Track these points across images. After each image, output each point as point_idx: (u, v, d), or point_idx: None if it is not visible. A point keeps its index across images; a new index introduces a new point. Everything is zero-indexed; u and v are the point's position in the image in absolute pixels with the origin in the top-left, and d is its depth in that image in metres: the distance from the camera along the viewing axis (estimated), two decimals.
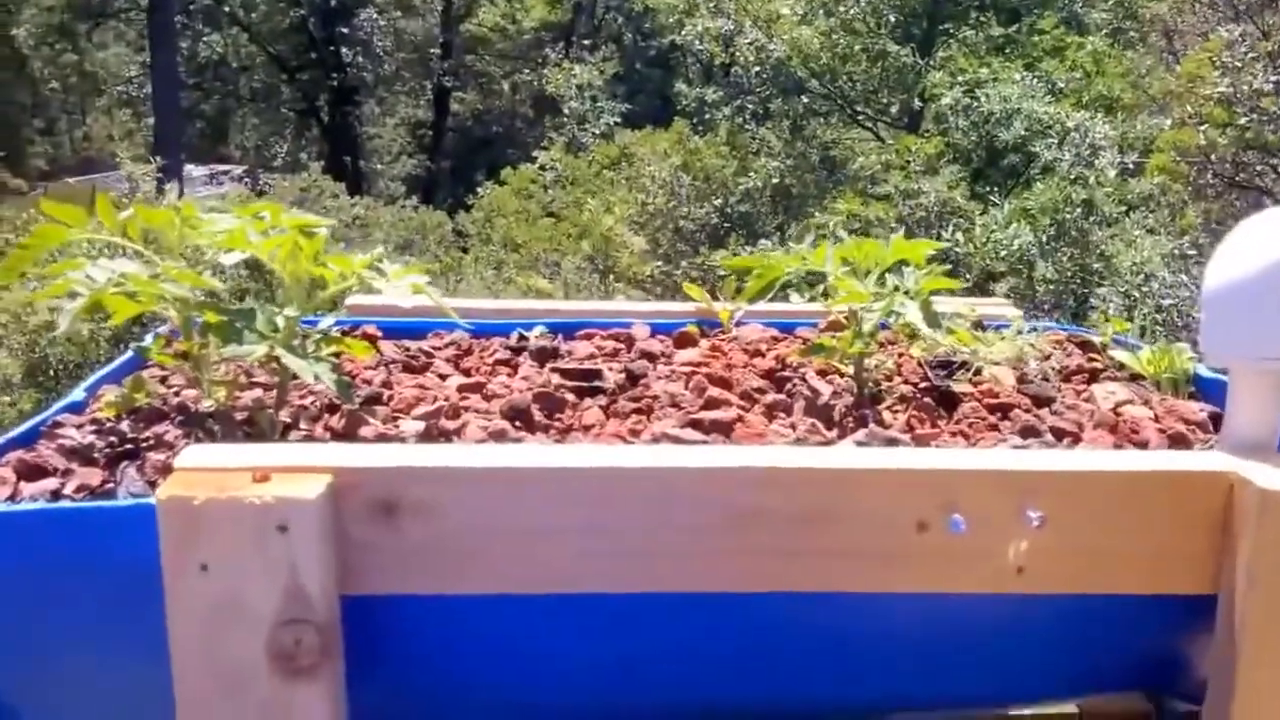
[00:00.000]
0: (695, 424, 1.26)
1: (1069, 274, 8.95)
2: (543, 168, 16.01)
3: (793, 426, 1.21)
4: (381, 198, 18.85)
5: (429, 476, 1.02)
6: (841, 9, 15.76)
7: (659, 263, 12.21)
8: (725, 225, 12.81)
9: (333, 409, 1.42)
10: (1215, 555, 0.96)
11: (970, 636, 1.04)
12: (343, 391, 1.34)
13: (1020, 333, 1.54)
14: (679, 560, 1.00)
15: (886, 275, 1.34)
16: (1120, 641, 1.08)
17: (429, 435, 1.33)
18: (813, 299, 1.32)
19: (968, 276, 9.53)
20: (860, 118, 17.93)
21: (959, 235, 9.77)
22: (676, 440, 1.20)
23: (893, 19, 17.37)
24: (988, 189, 12.26)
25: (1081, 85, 13.66)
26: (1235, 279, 1.00)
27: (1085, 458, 1.00)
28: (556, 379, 1.50)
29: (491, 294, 9.89)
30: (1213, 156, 8.17)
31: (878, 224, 10.76)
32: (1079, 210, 9.12)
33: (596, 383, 1.47)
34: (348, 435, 1.36)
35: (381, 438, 1.33)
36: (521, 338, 1.74)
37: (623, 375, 1.48)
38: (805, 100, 16.64)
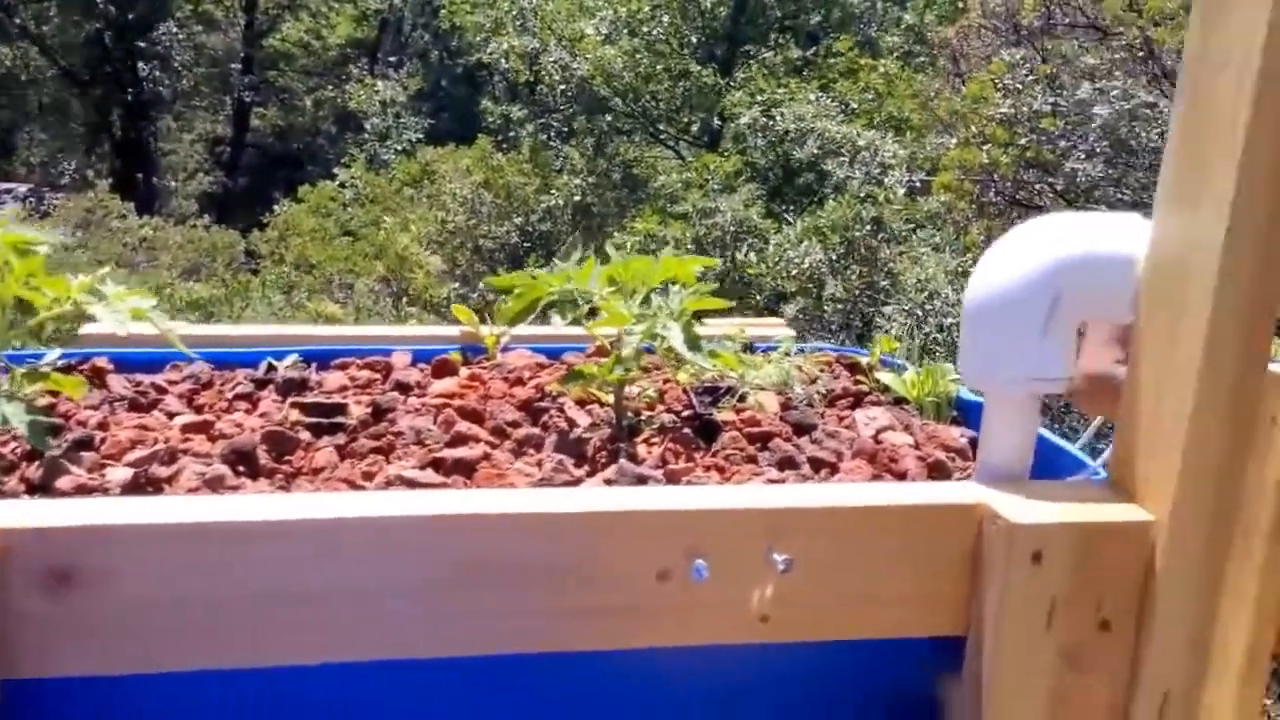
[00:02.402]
0: (436, 464, 1.15)
1: (857, 292, 9.22)
2: (342, 185, 15.56)
3: (539, 465, 1.12)
4: (173, 216, 17.92)
5: (106, 538, 0.88)
6: (645, 29, 15.95)
7: (456, 284, 11.99)
8: (525, 245, 12.72)
9: (33, 456, 1.25)
10: (966, 595, 0.92)
11: (722, 692, 0.97)
12: (35, 437, 1.18)
13: (788, 354, 1.50)
14: (401, 623, 0.89)
15: (653, 296, 1.26)
16: (881, 687, 1.03)
17: (136, 485, 1.18)
18: (575, 321, 1.23)
19: (758, 297, 9.71)
20: (663, 136, 18.18)
21: (751, 255, 9.96)
22: (410, 484, 1.09)
23: (695, 40, 17.71)
24: (784, 207, 12.57)
25: (874, 106, 14.18)
26: (987, 298, 0.96)
27: (832, 493, 0.94)
28: (295, 415, 1.36)
29: (278, 319, 9.46)
30: (995, 175, 8.57)
31: (674, 243, 10.86)
32: (868, 228, 9.42)
33: (338, 418, 1.34)
34: (44, 487, 1.19)
35: (81, 489, 1.16)
36: (270, 368, 1.59)
37: (369, 410, 1.36)
38: (609, 119, 16.74)
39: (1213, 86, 0.83)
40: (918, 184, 10.70)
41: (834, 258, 9.80)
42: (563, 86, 16.02)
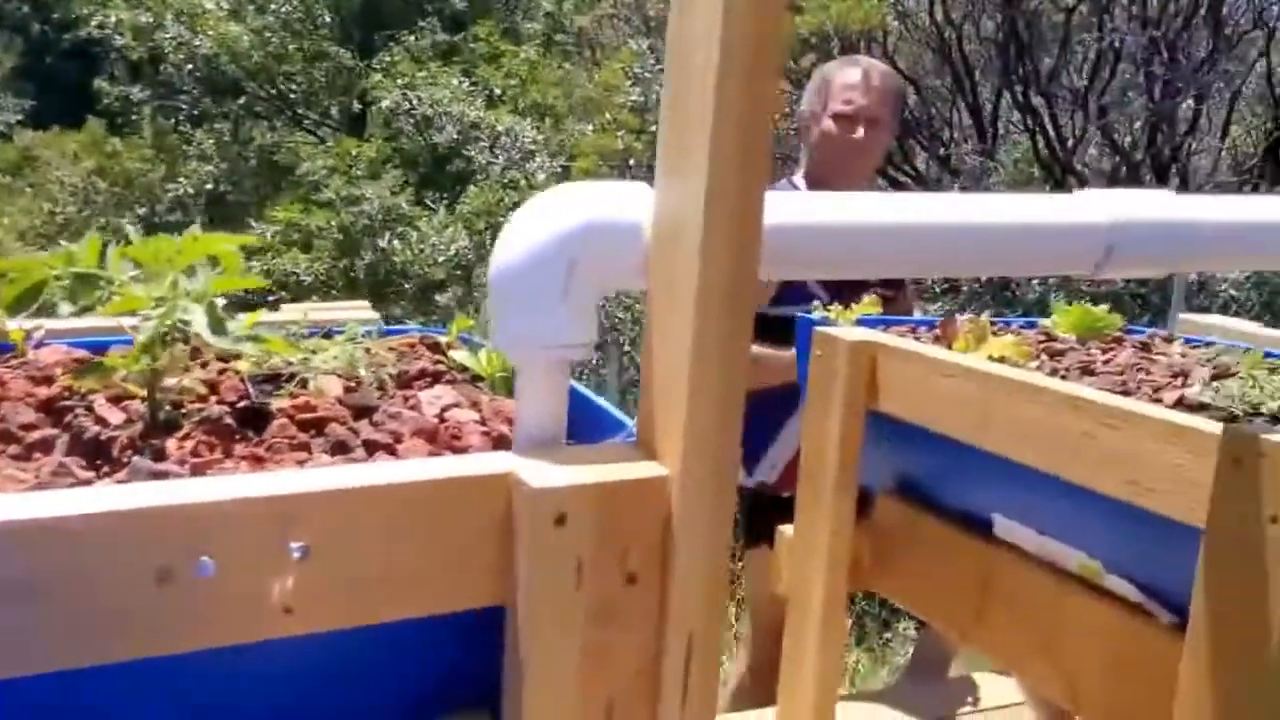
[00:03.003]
0: None
1: None
2: None
3: (39, 470, 1.02)
4: None
5: None
6: (274, 6, 15.22)
7: None
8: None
9: None
10: (501, 565, 0.92)
11: (267, 691, 0.92)
12: None
13: (353, 339, 1.45)
14: None
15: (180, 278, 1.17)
16: (437, 667, 1.01)
17: None
18: (87, 309, 1.12)
19: (407, 286, 9.60)
20: (305, 121, 17.47)
21: (396, 243, 9.81)
22: None
23: (328, 18, 17.11)
24: (438, 195, 12.48)
25: (518, 92, 14.32)
26: (508, 267, 0.97)
27: (347, 475, 0.91)
28: None
29: None
30: (631, 161, 8.87)
31: (319, 233, 10.53)
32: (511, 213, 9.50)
33: None
34: None
35: None
36: None
37: None
38: (243, 101, 15.88)
39: (688, 64, 0.86)
40: (559, 170, 10.92)
41: (480, 244, 9.83)
42: (189, 66, 15.02)
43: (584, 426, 1.20)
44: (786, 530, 2.00)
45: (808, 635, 1.89)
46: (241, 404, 1.26)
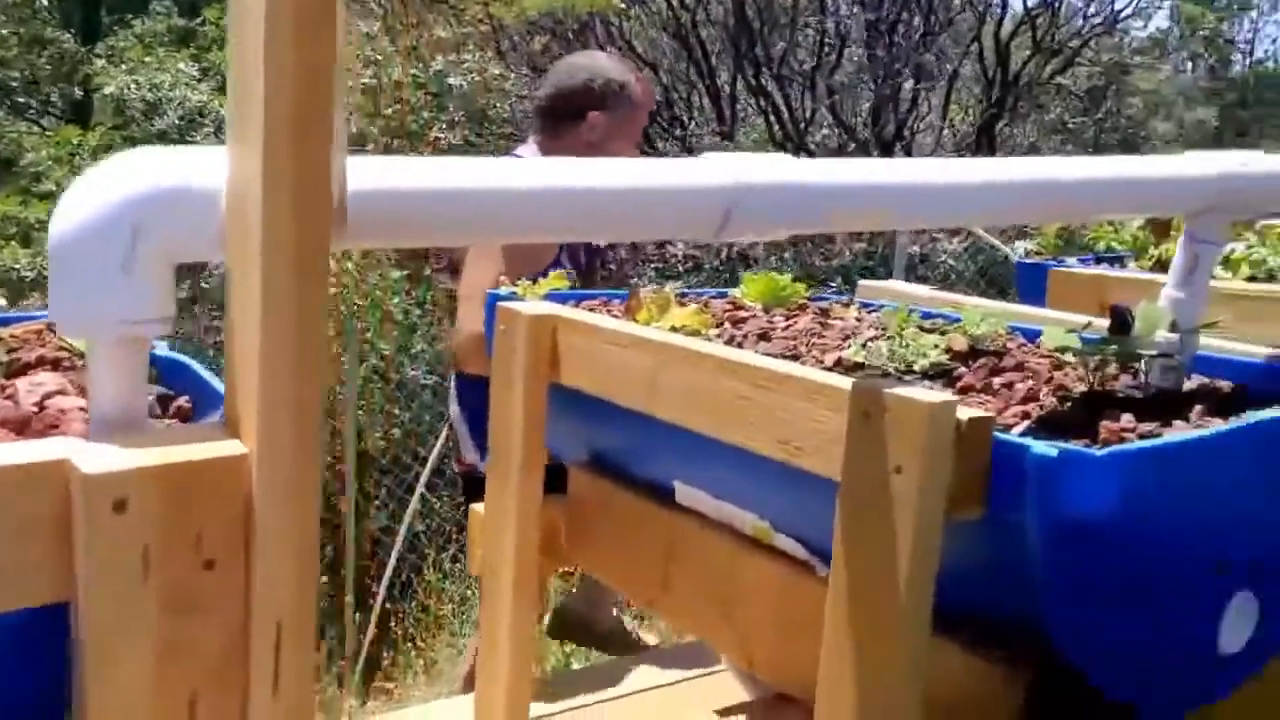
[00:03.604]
0: None
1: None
2: None
3: None
4: None
5: None
6: None
7: None
8: None
9: None
10: (61, 558, 0.85)
11: None
12: None
13: None
14: None
15: None
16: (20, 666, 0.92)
17: None
18: None
19: None
20: (28, 111, 16.26)
21: None
22: None
23: (47, 1, 15.99)
24: None
25: None
26: (66, 236, 0.89)
27: None
28: None
29: None
30: (368, 146, 8.64)
31: (38, 226, 9.78)
32: None
33: None
34: None
35: None
36: None
37: None
38: None
39: (243, 30, 0.82)
40: None
41: None
42: None
43: (205, 406, 1.14)
44: (478, 509, 1.98)
45: (501, 616, 1.87)
46: None
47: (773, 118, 8.77)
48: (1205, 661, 1.40)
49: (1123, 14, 12.45)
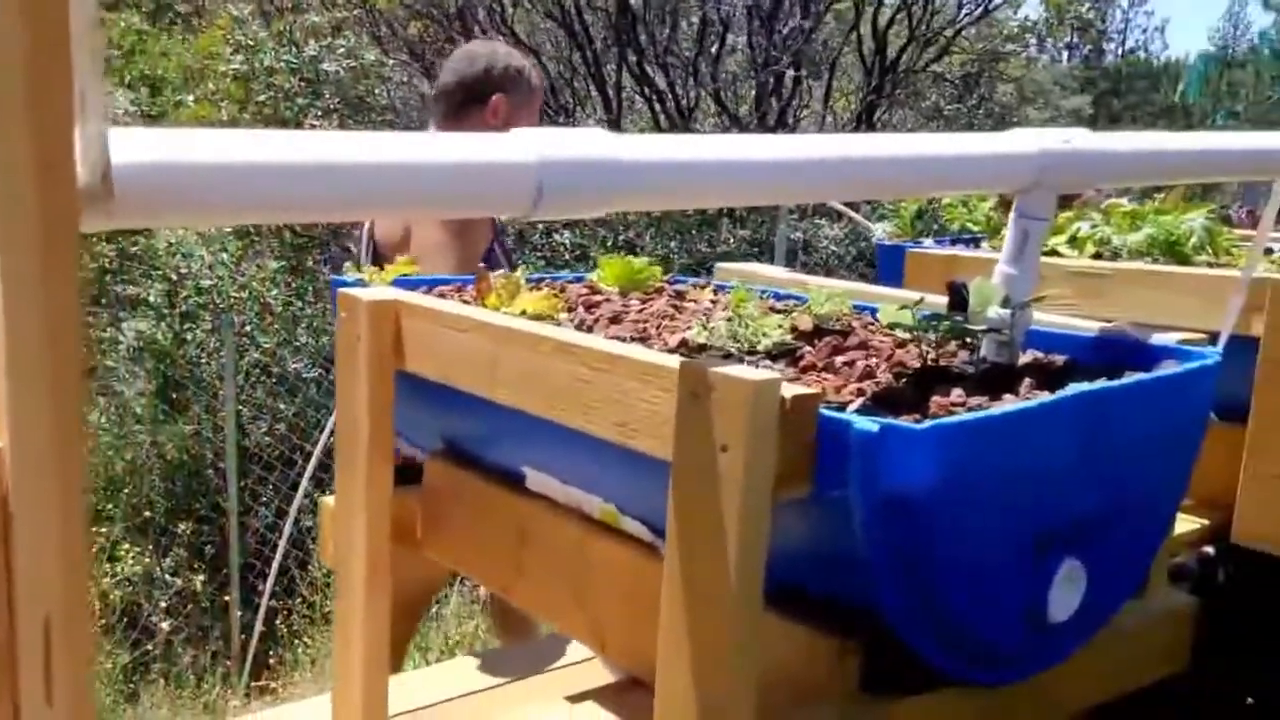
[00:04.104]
0: None
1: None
2: None
3: None
4: None
5: None
6: None
7: None
8: None
9: None
10: None
11: None
12: None
13: None
14: None
15: None
16: None
17: None
18: None
19: None
20: None
21: None
22: None
23: None
24: None
25: (123, 64, 13.24)
26: None
27: None
28: None
29: None
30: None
31: None
32: None
33: None
34: None
35: None
36: None
37: None
38: None
39: None
40: None
41: None
42: None
43: None
44: (328, 501, 1.92)
45: (354, 608, 1.82)
46: None
47: (658, 105, 8.79)
48: (1036, 630, 1.43)
49: (993, 2, 12.76)
